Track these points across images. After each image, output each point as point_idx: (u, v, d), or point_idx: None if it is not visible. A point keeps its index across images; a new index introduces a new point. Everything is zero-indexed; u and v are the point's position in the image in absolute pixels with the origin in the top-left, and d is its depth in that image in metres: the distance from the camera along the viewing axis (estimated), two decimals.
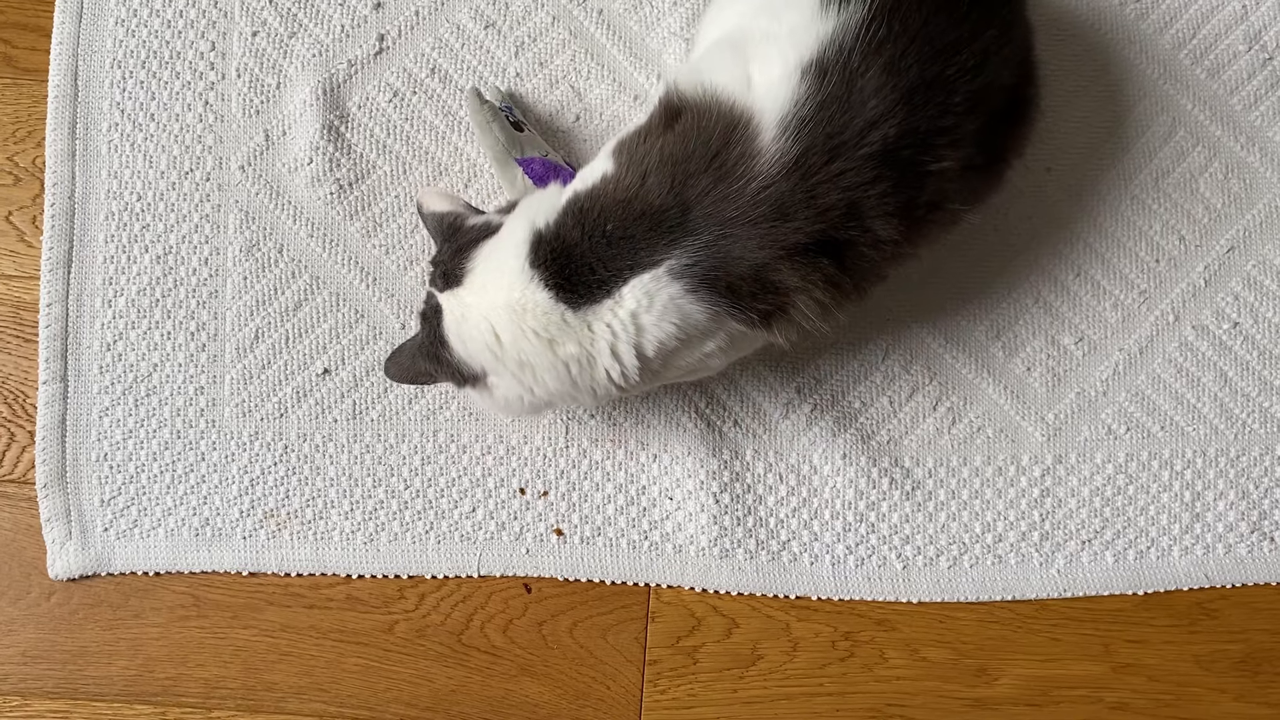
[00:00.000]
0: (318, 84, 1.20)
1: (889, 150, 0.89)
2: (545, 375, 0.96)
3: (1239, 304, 1.21)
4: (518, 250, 0.94)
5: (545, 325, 0.93)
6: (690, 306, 0.92)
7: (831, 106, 0.89)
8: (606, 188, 0.94)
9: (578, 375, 0.96)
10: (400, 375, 1.05)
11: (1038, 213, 1.20)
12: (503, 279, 0.94)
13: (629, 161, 0.94)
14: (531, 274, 0.93)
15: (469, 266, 0.97)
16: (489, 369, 0.97)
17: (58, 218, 1.19)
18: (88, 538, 1.17)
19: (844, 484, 1.18)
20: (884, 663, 1.17)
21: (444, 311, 0.98)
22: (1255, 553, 1.18)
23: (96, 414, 1.18)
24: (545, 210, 0.96)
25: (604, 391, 0.98)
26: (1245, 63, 1.22)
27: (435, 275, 1.00)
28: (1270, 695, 1.17)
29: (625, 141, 0.97)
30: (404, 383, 1.11)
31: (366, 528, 1.17)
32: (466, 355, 0.97)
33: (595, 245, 0.92)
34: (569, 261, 0.93)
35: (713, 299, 0.91)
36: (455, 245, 0.99)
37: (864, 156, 0.89)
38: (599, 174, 0.96)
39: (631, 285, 0.92)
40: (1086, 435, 1.19)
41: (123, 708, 1.16)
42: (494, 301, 0.94)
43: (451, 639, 1.17)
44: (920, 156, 0.91)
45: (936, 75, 0.90)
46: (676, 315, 0.92)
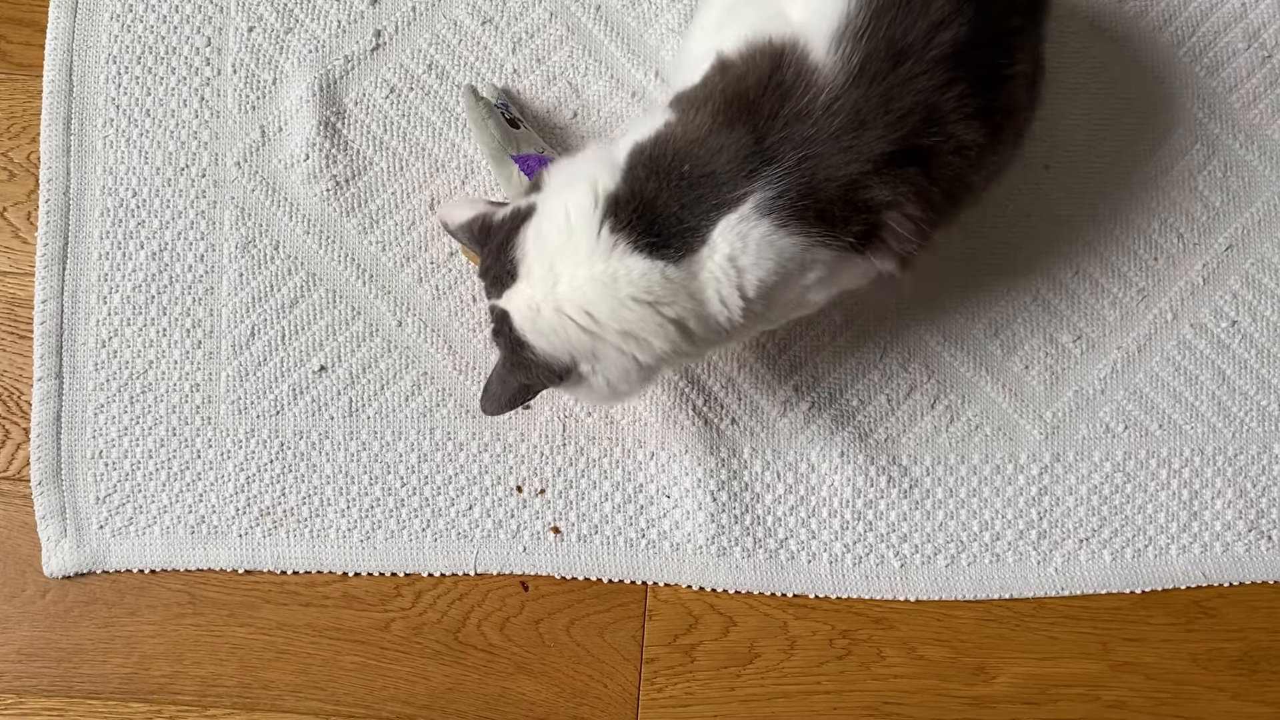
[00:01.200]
0: (314, 80, 1.20)
1: (961, 52, 0.88)
2: (654, 340, 0.91)
3: (1237, 302, 1.20)
4: (586, 221, 0.89)
5: (647, 288, 0.89)
6: (784, 241, 0.89)
7: (890, 11, 0.87)
8: (674, 131, 0.91)
9: (693, 329, 0.91)
10: (499, 404, 0.98)
11: (1036, 210, 1.20)
12: (578, 254, 0.89)
13: (690, 105, 0.92)
14: (614, 240, 0.89)
15: (518, 257, 0.91)
16: (579, 355, 0.92)
17: (53, 214, 1.19)
18: (83, 535, 1.17)
19: (841, 482, 1.18)
20: (881, 661, 1.17)
21: (511, 315, 0.92)
22: (1253, 551, 1.18)
23: (92, 411, 1.18)
24: (605, 170, 0.91)
25: (713, 341, 0.94)
26: (1244, 60, 1.22)
27: (487, 286, 0.96)
28: (1267, 694, 1.17)
29: (683, 94, 0.95)
30: (507, 409, 1.00)
31: (363, 525, 1.17)
32: (551, 349, 0.91)
33: (677, 191, 0.89)
34: (655, 216, 0.89)
35: (805, 230, 0.89)
36: (494, 245, 0.94)
37: (934, 59, 0.88)
38: (660, 123, 0.93)
39: (721, 227, 0.88)
40: (1084, 433, 1.19)
41: (118, 705, 1.16)
42: (575, 281, 0.89)
43: (448, 637, 1.16)
44: (995, 59, 0.90)
45: None
46: (772, 252, 0.89)
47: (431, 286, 1.19)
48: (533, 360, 0.93)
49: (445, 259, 1.19)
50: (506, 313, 0.93)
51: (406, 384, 1.18)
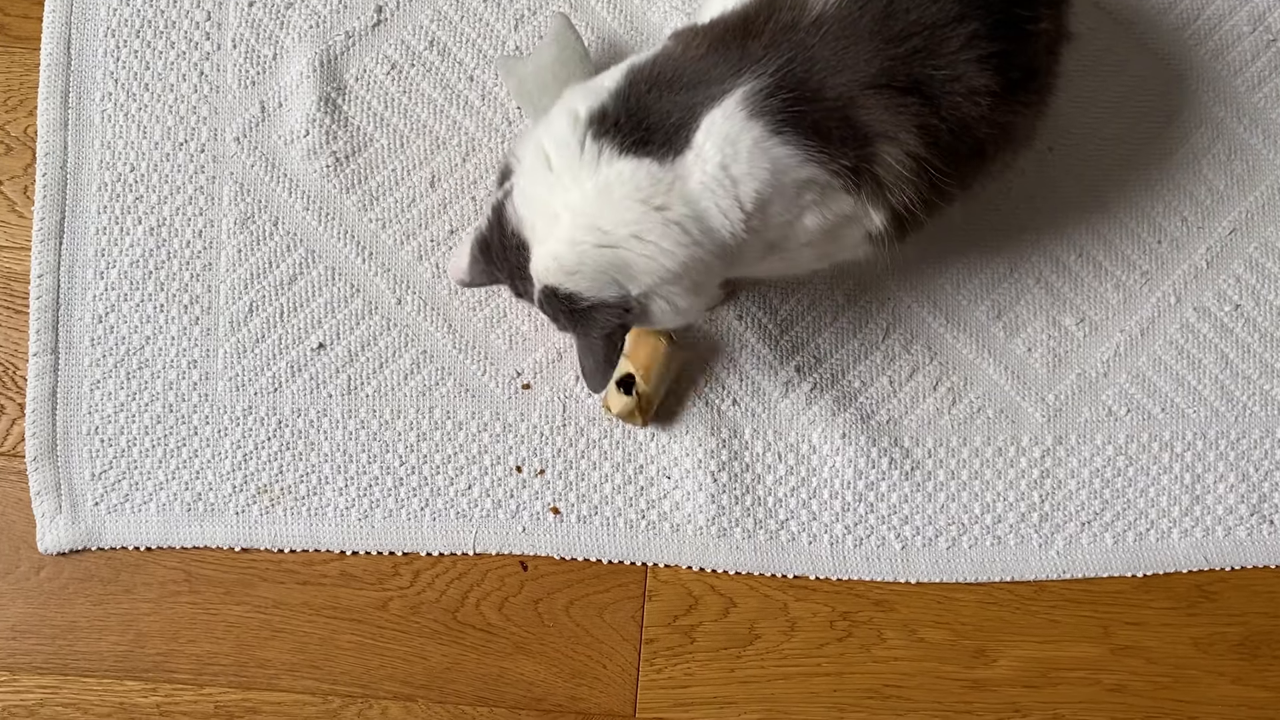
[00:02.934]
0: (315, 56, 1.19)
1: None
2: (664, 243, 0.88)
3: (1241, 286, 1.20)
4: (567, 146, 0.88)
5: (637, 186, 0.87)
6: (778, 150, 0.87)
7: None
8: (672, 52, 0.92)
9: (698, 236, 0.89)
10: (600, 373, 0.96)
11: (1040, 193, 1.19)
12: (566, 181, 0.88)
13: (690, 34, 0.92)
14: (598, 147, 0.88)
15: (519, 230, 0.91)
16: (622, 279, 0.90)
17: (50, 188, 1.18)
18: (78, 512, 1.16)
19: (843, 463, 1.17)
20: (882, 643, 1.16)
21: (544, 280, 0.90)
22: (1255, 535, 1.18)
23: (88, 387, 1.17)
24: (586, 97, 0.91)
25: (723, 256, 0.91)
26: (1249, 44, 1.21)
27: (518, 286, 0.95)
28: (1268, 678, 1.17)
29: (683, 28, 0.95)
30: (608, 378, 0.99)
31: (361, 504, 1.16)
32: (595, 286, 0.90)
33: (669, 94, 0.88)
34: (643, 116, 0.88)
35: (799, 140, 0.87)
36: (497, 246, 0.93)
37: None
38: (658, 49, 0.93)
39: (705, 125, 0.87)
40: (1087, 416, 1.19)
41: (113, 683, 1.15)
42: (574, 207, 0.88)
43: (446, 616, 1.16)
44: (1016, 8, 0.89)
45: None
46: (766, 160, 0.87)
47: (431, 264, 1.18)
48: (591, 304, 0.91)
49: (445, 237, 1.19)
50: (544, 286, 0.91)
51: (405, 362, 1.18)
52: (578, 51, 1.12)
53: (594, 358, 0.96)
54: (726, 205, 0.89)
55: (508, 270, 0.95)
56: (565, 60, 1.12)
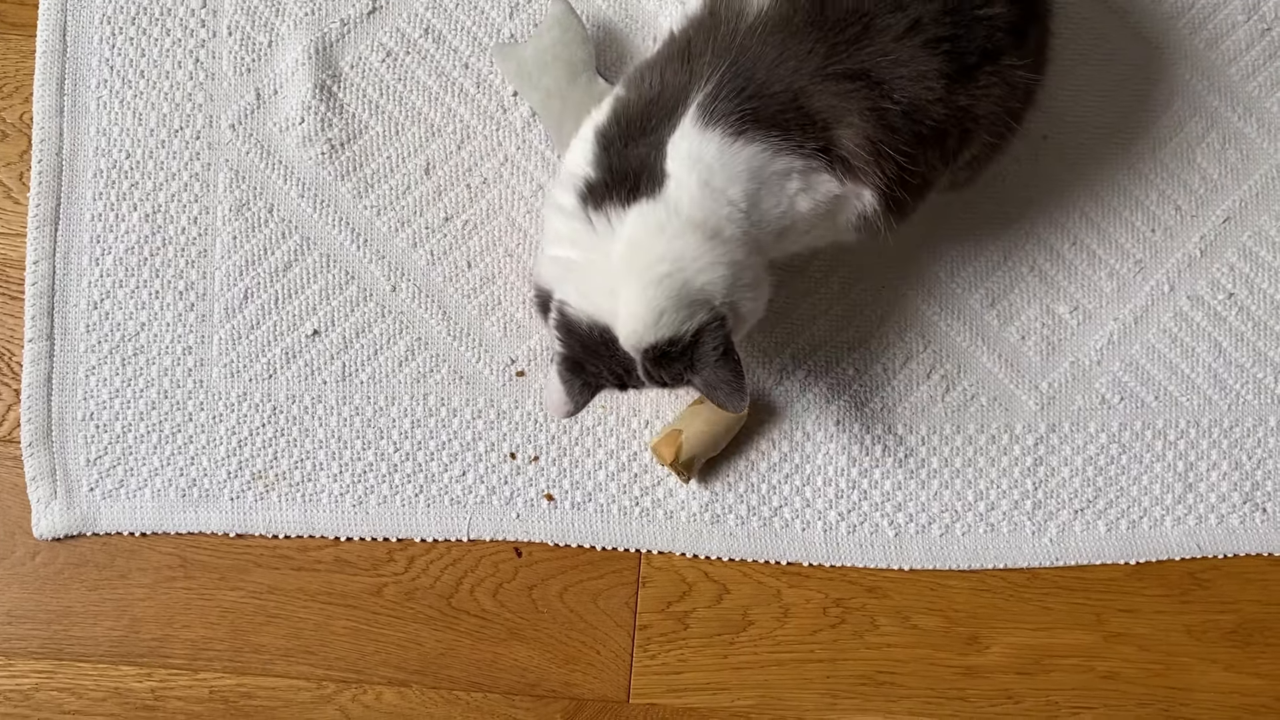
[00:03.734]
0: (310, 43, 1.19)
1: None
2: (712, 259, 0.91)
3: (1234, 275, 1.20)
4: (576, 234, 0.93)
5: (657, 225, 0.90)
6: (745, 150, 0.90)
7: None
8: (626, 100, 0.95)
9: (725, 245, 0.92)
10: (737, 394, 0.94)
11: (1034, 181, 1.20)
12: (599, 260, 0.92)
13: (637, 74, 0.96)
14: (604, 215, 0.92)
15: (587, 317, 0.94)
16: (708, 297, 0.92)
17: (45, 174, 1.18)
18: (73, 497, 1.16)
19: (836, 450, 1.17)
20: (875, 630, 1.17)
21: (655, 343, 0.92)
22: (1247, 523, 1.18)
23: (83, 373, 1.17)
24: (569, 180, 0.94)
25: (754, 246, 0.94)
26: (1244, 33, 1.21)
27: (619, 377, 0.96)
28: (1260, 665, 1.17)
29: (629, 73, 0.99)
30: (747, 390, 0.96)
31: (355, 490, 1.16)
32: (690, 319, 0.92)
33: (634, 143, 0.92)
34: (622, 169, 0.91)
35: (761, 135, 0.89)
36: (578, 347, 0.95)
37: None
38: (611, 102, 0.95)
39: (671, 153, 0.90)
40: (1080, 404, 1.19)
41: (108, 668, 1.15)
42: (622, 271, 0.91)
43: (441, 602, 1.16)
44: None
45: None
46: (739, 163, 0.90)
47: (426, 252, 1.18)
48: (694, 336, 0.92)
49: (440, 224, 1.19)
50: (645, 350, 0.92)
51: (400, 349, 1.18)
52: (580, 34, 1.13)
53: (725, 381, 0.94)
54: (726, 212, 0.91)
55: (603, 367, 0.95)
56: (568, 42, 1.12)
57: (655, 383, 0.96)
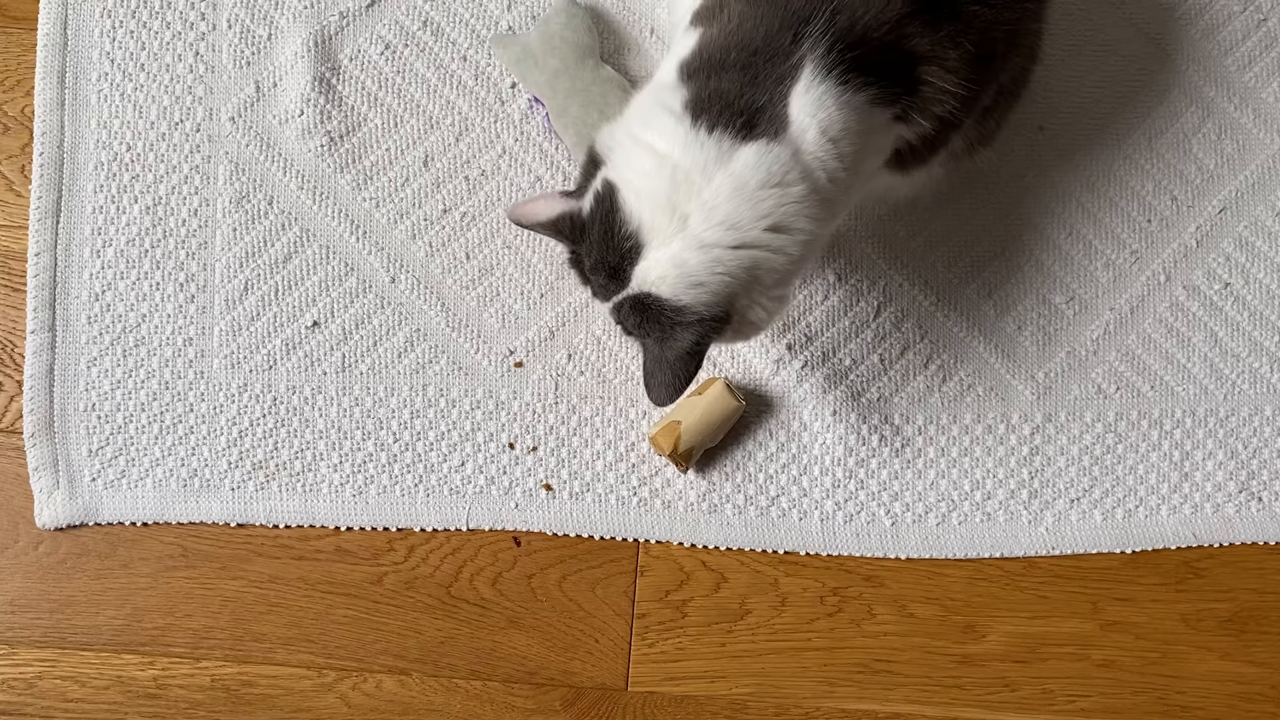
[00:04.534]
0: (309, 35, 1.20)
1: None
2: (797, 221, 0.88)
3: (1230, 264, 1.21)
4: (684, 140, 0.87)
5: (769, 170, 0.86)
6: (855, 98, 0.88)
7: None
8: (709, 35, 0.91)
9: (818, 207, 0.89)
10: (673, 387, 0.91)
11: (1030, 171, 1.20)
12: (692, 178, 0.86)
13: (713, 11, 0.92)
14: (717, 139, 0.86)
15: (633, 228, 0.87)
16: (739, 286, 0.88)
17: (46, 167, 1.18)
18: (75, 487, 1.17)
19: (833, 440, 1.18)
20: (872, 618, 1.17)
21: (655, 287, 0.88)
22: (1243, 512, 1.19)
23: (84, 364, 1.18)
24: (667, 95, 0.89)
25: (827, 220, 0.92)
26: (1240, 24, 1.22)
27: (602, 283, 0.90)
28: (1255, 654, 1.17)
29: (699, 10, 0.94)
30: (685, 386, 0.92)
31: (355, 480, 1.17)
32: (710, 296, 0.88)
33: (736, 77, 0.87)
34: (732, 104, 0.87)
35: (865, 82, 0.88)
36: (595, 237, 0.89)
37: None
38: (693, 39, 0.92)
39: (795, 100, 0.87)
40: (1076, 394, 1.19)
41: (110, 657, 1.16)
42: (706, 204, 0.86)
43: (440, 591, 1.17)
44: None
45: None
46: (852, 114, 0.88)
47: (425, 243, 1.19)
48: (695, 318, 0.88)
49: (439, 215, 1.19)
50: (642, 292, 0.89)
51: (399, 340, 1.18)
52: (585, 21, 1.14)
53: (673, 373, 0.91)
54: (833, 166, 0.89)
55: (595, 259, 0.90)
56: (574, 27, 1.13)
57: (616, 313, 0.91)
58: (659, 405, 0.96)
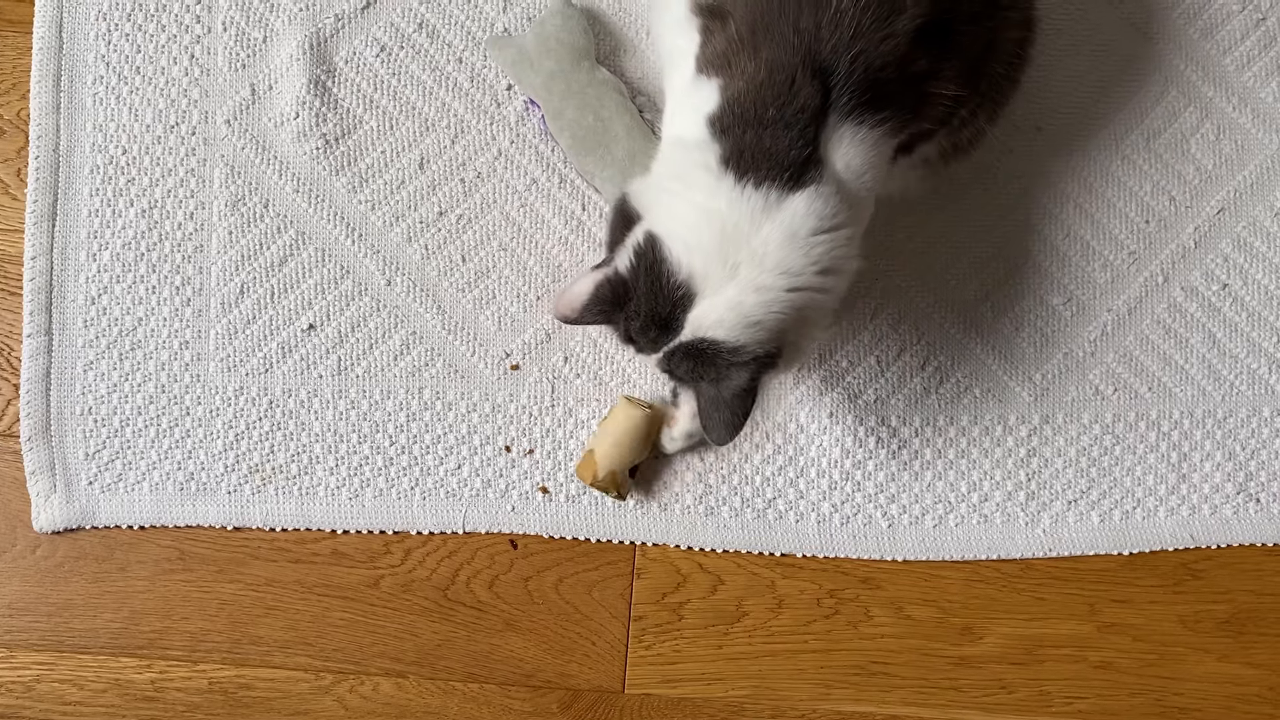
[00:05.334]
0: (304, 38, 1.19)
1: None
2: (847, 263, 0.93)
3: (1228, 266, 1.20)
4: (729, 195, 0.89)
5: (820, 216, 0.90)
6: (871, 133, 0.91)
7: None
8: (735, 89, 0.91)
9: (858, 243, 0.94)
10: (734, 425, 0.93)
11: (1027, 172, 1.20)
12: (742, 228, 0.89)
13: (728, 60, 0.92)
14: (764, 192, 0.89)
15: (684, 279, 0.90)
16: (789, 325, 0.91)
17: (42, 171, 1.18)
18: (72, 491, 1.17)
19: (830, 442, 1.18)
20: (869, 620, 1.17)
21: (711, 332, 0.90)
22: (1241, 514, 1.18)
23: (81, 367, 1.18)
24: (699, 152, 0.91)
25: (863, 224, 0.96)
26: (1238, 23, 1.21)
27: (653, 336, 0.92)
28: (1253, 655, 1.17)
29: (701, 59, 0.95)
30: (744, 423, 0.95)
31: (352, 483, 1.17)
32: (765, 335, 0.91)
33: (775, 130, 0.89)
34: (774, 156, 0.89)
35: (879, 116, 0.90)
36: (643, 292, 0.91)
37: None
38: (715, 92, 0.92)
39: (828, 146, 0.90)
40: (1074, 395, 1.19)
41: (108, 660, 1.16)
42: (758, 253, 0.89)
43: (437, 594, 1.17)
44: None
45: None
46: (872, 149, 0.91)
47: (421, 246, 1.19)
48: (751, 356, 0.91)
49: (435, 218, 1.19)
50: (696, 339, 0.91)
51: (395, 343, 1.18)
52: (581, 23, 1.14)
53: (731, 411, 0.93)
54: (865, 199, 0.93)
55: (645, 316, 0.92)
56: (570, 29, 1.13)
57: (666, 362, 0.93)
58: (721, 445, 0.97)
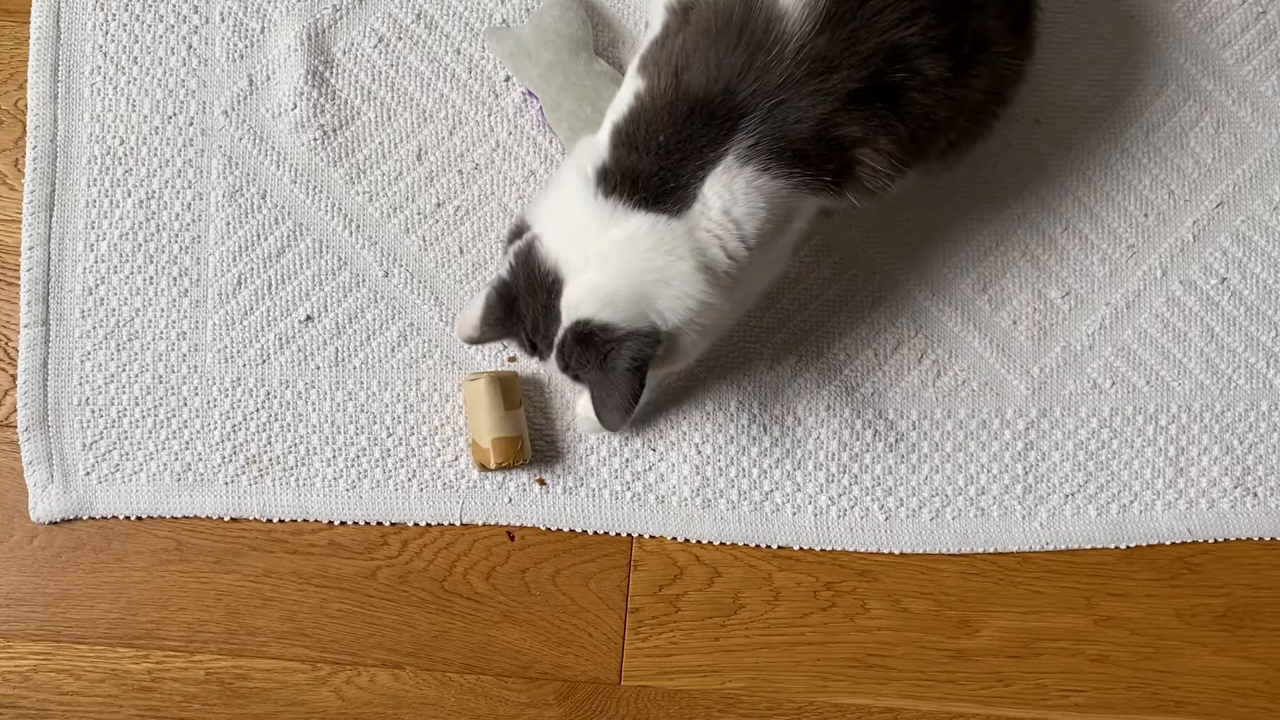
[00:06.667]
0: (302, 29, 1.19)
1: None
2: (692, 290, 0.93)
3: (1227, 259, 1.20)
4: (586, 200, 0.93)
5: (660, 240, 0.92)
6: (770, 185, 0.92)
7: None
8: (644, 102, 0.93)
9: (709, 280, 0.93)
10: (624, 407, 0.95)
11: (1026, 165, 1.20)
12: (591, 229, 0.92)
13: (657, 69, 0.93)
14: (614, 204, 0.92)
15: (552, 268, 0.93)
16: (660, 318, 0.94)
17: (39, 161, 1.18)
18: (70, 481, 1.17)
19: (827, 435, 1.18)
20: (865, 613, 1.17)
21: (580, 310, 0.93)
22: (1238, 508, 1.18)
23: (78, 358, 1.18)
24: (590, 156, 0.94)
25: (733, 287, 0.96)
26: (1238, 17, 1.21)
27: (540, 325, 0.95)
28: (1249, 649, 1.17)
29: (646, 55, 0.96)
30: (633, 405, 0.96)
31: (349, 474, 1.17)
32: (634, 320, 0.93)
33: (657, 159, 0.91)
34: (642, 181, 0.92)
35: (787, 172, 0.91)
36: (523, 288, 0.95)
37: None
38: (631, 94, 0.95)
39: (709, 184, 0.91)
40: (1071, 389, 1.19)
41: (105, 650, 1.16)
42: (607, 254, 0.92)
43: (434, 585, 1.17)
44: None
45: None
46: (762, 200, 0.92)
47: (419, 237, 1.19)
48: (624, 334, 0.93)
49: (433, 209, 1.19)
50: (575, 321, 0.93)
51: (393, 334, 1.18)
52: (579, 14, 1.14)
53: (619, 393, 0.95)
54: (733, 246, 0.94)
55: (532, 313, 0.96)
56: (569, 20, 1.13)
57: (561, 359, 0.96)
58: (614, 430, 1.00)
